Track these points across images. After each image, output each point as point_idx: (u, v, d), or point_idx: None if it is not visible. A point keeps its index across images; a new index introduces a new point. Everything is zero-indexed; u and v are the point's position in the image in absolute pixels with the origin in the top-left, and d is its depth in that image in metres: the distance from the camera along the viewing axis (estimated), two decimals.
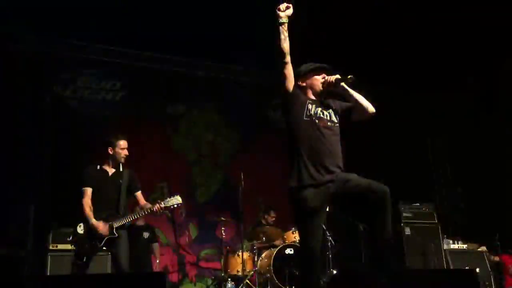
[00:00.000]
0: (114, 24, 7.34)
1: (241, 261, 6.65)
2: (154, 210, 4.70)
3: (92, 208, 4.67)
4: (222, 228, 7.06)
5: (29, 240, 3.67)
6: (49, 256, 5.94)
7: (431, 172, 9.74)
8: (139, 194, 4.92)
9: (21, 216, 3.88)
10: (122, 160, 4.87)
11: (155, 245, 7.24)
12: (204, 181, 8.59)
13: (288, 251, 6.54)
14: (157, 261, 7.19)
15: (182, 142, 8.62)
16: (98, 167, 4.86)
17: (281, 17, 3.38)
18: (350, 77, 3.48)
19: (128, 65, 8.27)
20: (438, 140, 9.85)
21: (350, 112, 3.66)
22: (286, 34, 3.41)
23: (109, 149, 4.85)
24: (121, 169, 4.89)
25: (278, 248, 6.54)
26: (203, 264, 8.20)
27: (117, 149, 4.84)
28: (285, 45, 3.42)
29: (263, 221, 7.76)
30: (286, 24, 3.40)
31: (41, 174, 3.86)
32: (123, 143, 4.86)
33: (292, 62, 3.46)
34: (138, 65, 8.33)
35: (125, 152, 4.87)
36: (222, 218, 7.22)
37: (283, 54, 3.43)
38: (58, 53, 7.77)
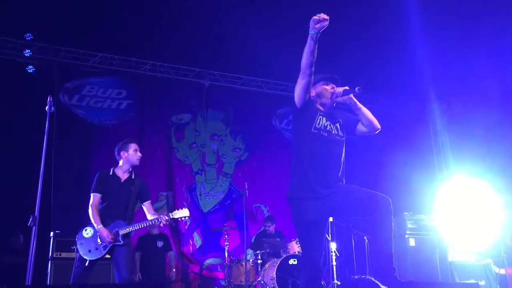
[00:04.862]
0: (119, 33, 7.40)
1: (244, 271, 6.61)
2: (161, 221, 4.72)
3: (99, 213, 4.68)
4: (226, 237, 7.04)
5: (31, 248, 3.65)
6: (52, 264, 5.94)
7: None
8: (148, 204, 4.94)
9: (24, 224, 3.87)
10: (137, 162, 4.90)
11: (171, 254, 7.21)
12: (208, 190, 8.57)
13: (292, 261, 6.50)
14: (173, 270, 7.15)
15: (187, 151, 8.62)
16: (111, 172, 4.88)
17: (316, 28, 3.24)
18: (358, 88, 3.45)
19: (133, 74, 8.32)
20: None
21: (356, 125, 3.63)
22: (316, 46, 3.31)
23: (122, 154, 4.89)
24: (133, 177, 4.91)
25: (282, 258, 6.51)
26: (206, 273, 8.15)
27: (131, 152, 4.88)
28: (313, 57, 3.33)
29: (267, 230, 7.76)
30: (317, 36, 3.28)
31: (45, 182, 3.85)
32: (134, 146, 4.93)
33: None
34: (143, 74, 8.38)
35: (139, 154, 4.93)
36: (226, 227, 7.20)
37: (310, 65, 3.35)
38: (63, 62, 7.82)
